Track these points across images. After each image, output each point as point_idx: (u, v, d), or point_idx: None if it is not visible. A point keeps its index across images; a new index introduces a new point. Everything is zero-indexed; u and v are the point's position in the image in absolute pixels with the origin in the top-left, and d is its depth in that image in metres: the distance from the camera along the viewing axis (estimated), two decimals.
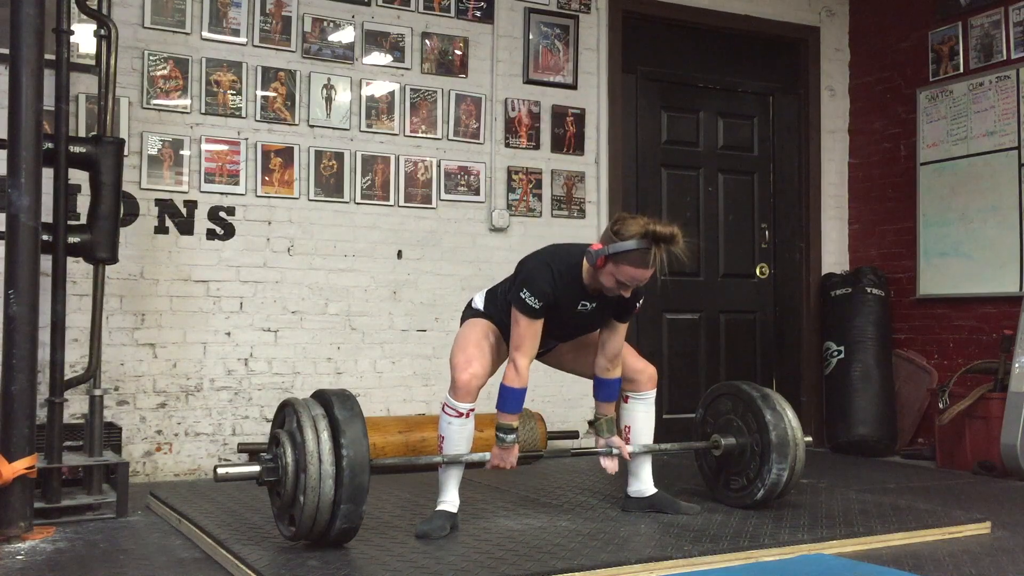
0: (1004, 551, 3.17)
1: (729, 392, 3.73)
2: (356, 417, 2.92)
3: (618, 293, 3.13)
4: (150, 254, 4.51)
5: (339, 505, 2.84)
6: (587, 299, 3.23)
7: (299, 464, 2.85)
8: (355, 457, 2.84)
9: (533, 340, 3.17)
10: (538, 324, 3.16)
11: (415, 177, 5.05)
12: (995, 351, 5.09)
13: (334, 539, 2.92)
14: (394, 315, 4.98)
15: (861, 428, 5.59)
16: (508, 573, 2.69)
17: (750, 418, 3.58)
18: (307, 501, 2.82)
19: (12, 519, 3.24)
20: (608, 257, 3.07)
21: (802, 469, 3.60)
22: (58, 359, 3.64)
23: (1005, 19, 5.30)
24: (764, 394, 3.63)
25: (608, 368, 3.38)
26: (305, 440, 2.84)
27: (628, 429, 3.54)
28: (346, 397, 2.99)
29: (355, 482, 2.84)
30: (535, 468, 4.76)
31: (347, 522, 2.87)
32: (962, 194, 5.49)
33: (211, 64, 4.64)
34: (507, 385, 3.15)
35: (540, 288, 3.13)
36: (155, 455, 4.49)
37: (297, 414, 2.92)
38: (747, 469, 3.58)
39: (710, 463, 3.77)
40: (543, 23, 5.39)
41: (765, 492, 3.52)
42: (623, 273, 3.06)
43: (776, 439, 3.49)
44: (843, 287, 5.84)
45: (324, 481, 2.82)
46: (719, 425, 3.70)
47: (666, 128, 5.81)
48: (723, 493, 3.70)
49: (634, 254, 3.03)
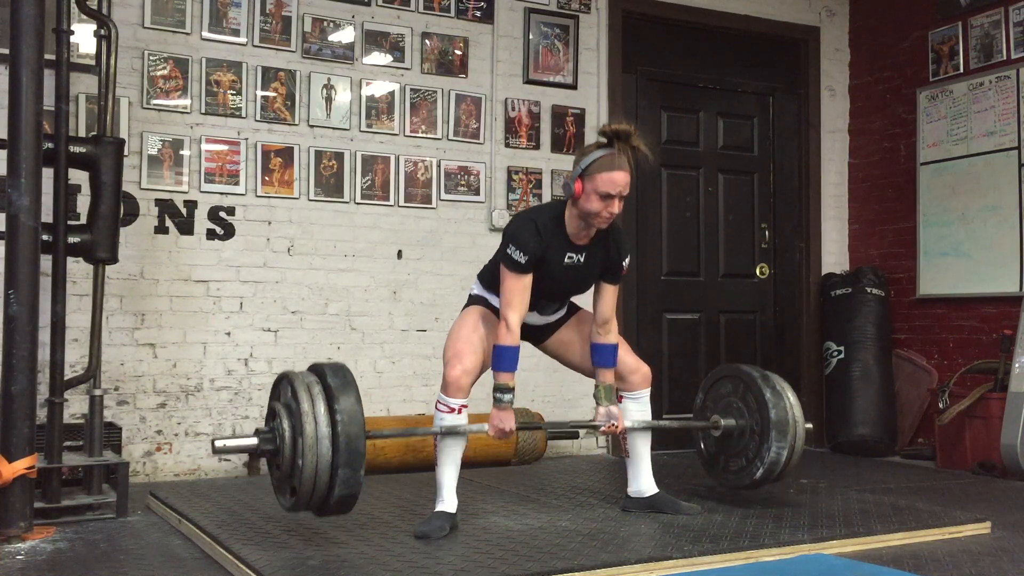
0: (1004, 551, 3.17)
1: (730, 374, 3.73)
2: (349, 385, 2.93)
3: (608, 215, 3.16)
4: (150, 254, 4.51)
5: (337, 470, 2.84)
6: (574, 251, 3.26)
7: (296, 430, 2.86)
8: (350, 422, 2.85)
9: (522, 295, 3.18)
10: (526, 280, 3.18)
11: (415, 177, 5.05)
12: (995, 351, 5.09)
13: (334, 506, 2.91)
14: (394, 315, 4.98)
15: (861, 428, 5.59)
16: (508, 573, 2.69)
17: (750, 398, 3.57)
18: (305, 465, 2.82)
19: (12, 519, 3.24)
20: (582, 177, 3.15)
21: (801, 451, 3.57)
22: (58, 359, 3.64)
23: (1005, 19, 5.30)
24: (764, 375, 3.62)
25: (601, 333, 3.39)
26: (300, 406, 2.85)
27: (626, 429, 3.53)
28: (339, 367, 3.00)
29: (351, 447, 2.84)
30: (535, 468, 4.76)
31: (346, 488, 2.87)
32: (962, 194, 5.49)
33: (211, 64, 4.64)
34: (500, 344, 3.17)
35: (524, 242, 3.16)
36: (155, 455, 4.49)
37: (292, 385, 2.93)
38: (746, 450, 3.56)
39: (709, 445, 3.75)
40: (543, 23, 5.40)
41: (764, 471, 3.50)
42: (600, 184, 3.12)
43: (775, 417, 3.47)
44: (843, 287, 5.84)
45: (321, 443, 2.82)
46: (719, 408, 3.69)
47: (666, 128, 5.81)
48: (722, 476, 3.68)
49: (601, 159, 3.13)
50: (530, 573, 2.70)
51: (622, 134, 3.14)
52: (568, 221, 3.25)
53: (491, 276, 3.37)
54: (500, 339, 3.17)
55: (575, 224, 3.24)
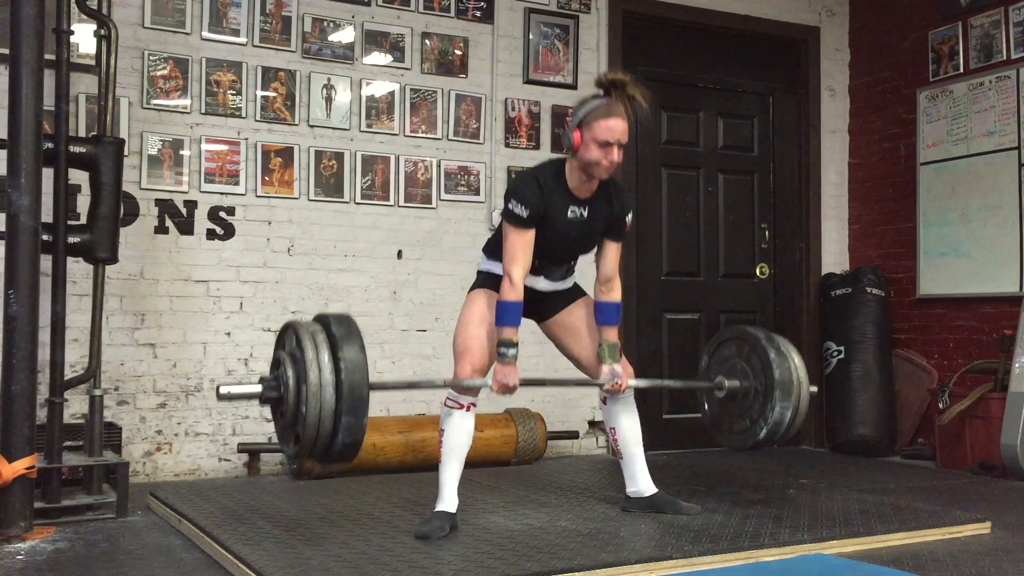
0: (1004, 551, 3.17)
1: (734, 336, 3.71)
2: (353, 334, 2.93)
3: (608, 163, 3.17)
4: (150, 254, 4.51)
5: (340, 416, 2.84)
6: (577, 204, 3.27)
7: (300, 377, 2.87)
8: (353, 370, 2.86)
9: (525, 250, 3.19)
10: (529, 235, 3.19)
11: (415, 177, 5.05)
12: (995, 351, 5.08)
13: (337, 454, 2.91)
14: (394, 315, 4.98)
15: (861, 428, 5.59)
16: (508, 573, 2.69)
17: (755, 359, 3.55)
18: (309, 412, 2.82)
19: (12, 519, 3.24)
20: (580, 127, 3.18)
21: (806, 412, 3.55)
22: (58, 359, 3.64)
23: (1005, 19, 5.30)
24: (769, 335, 3.61)
25: (604, 291, 3.41)
26: (305, 354, 2.86)
27: (614, 430, 3.53)
28: (344, 316, 3.01)
29: (354, 394, 2.84)
30: (535, 468, 4.76)
31: (349, 436, 2.87)
32: (962, 194, 5.49)
33: (211, 64, 4.64)
34: (504, 299, 3.17)
35: (525, 196, 3.18)
36: (155, 455, 4.49)
37: (297, 334, 2.93)
38: (750, 410, 3.54)
39: (713, 408, 3.73)
40: (543, 23, 5.40)
41: (768, 431, 3.47)
42: (599, 132, 3.14)
43: (780, 377, 3.46)
44: (843, 287, 5.84)
45: (324, 390, 2.82)
46: (724, 370, 3.67)
47: (666, 128, 5.82)
48: (726, 438, 3.66)
49: (599, 108, 3.16)
50: (530, 573, 2.70)
51: (618, 83, 3.19)
52: (569, 175, 3.26)
53: (495, 244, 3.36)
54: (503, 294, 3.17)
55: (576, 177, 3.25)
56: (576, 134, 3.18)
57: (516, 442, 4.86)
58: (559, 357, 5.31)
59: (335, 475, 4.43)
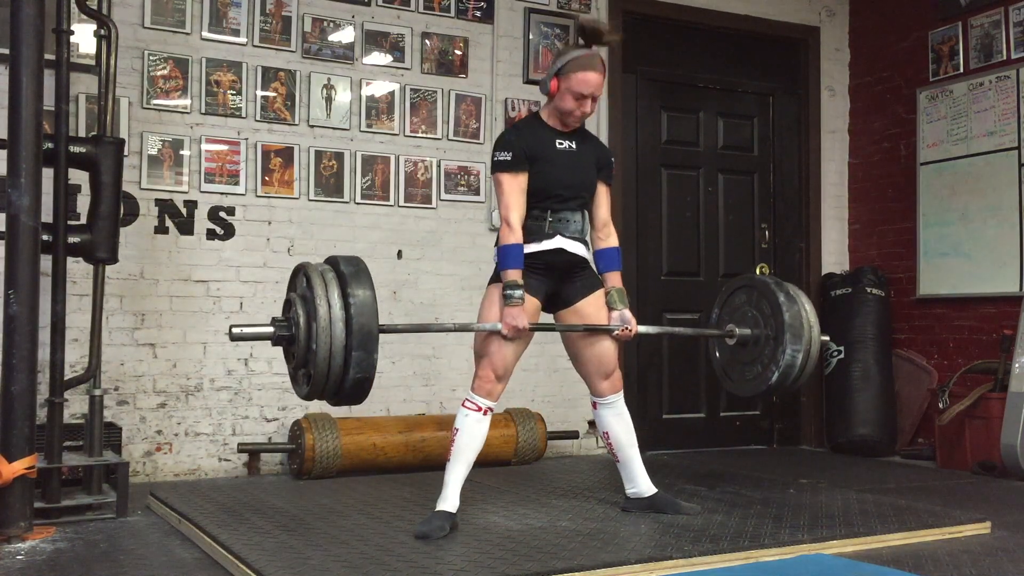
0: (1004, 551, 3.17)
1: (745, 284, 3.74)
2: (362, 272, 2.98)
3: (580, 114, 3.30)
4: (150, 254, 4.51)
5: (351, 352, 2.87)
6: (562, 137, 3.37)
7: (310, 315, 2.90)
8: (362, 305, 2.90)
9: (519, 196, 3.26)
10: (519, 178, 3.27)
11: (415, 177, 5.05)
12: (995, 351, 5.09)
13: (349, 390, 2.94)
14: (394, 315, 4.98)
15: (861, 428, 5.59)
16: (508, 573, 2.69)
17: (764, 305, 3.56)
18: (319, 348, 2.85)
19: (12, 519, 3.24)
20: (557, 75, 3.29)
21: (817, 357, 3.55)
22: (58, 359, 3.64)
23: (1005, 19, 5.30)
24: (778, 281, 3.64)
25: (602, 237, 3.49)
26: (314, 290, 2.89)
27: (607, 435, 3.53)
28: (354, 258, 3.06)
29: (364, 329, 2.88)
30: (535, 468, 4.76)
31: (360, 371, 2.90)
32: (962, 194, 5.49)
33: (211, 64, 4.64)
34: (504, 243, 3.22)
35: (506, 141, 3.30)
36: (155, 455, 4.49)
37: (308, 275, 2.96)
38: (761, 356, 3.54)
39: (725, 356, 3.73)
40: (543, 23, 5.40)
41: (780, 375, 3.48)
42: (575, 83, 3.25)
43: (789, 320, 3.46)
44: (843, 287, 5.84)
45: (335, 324, 2.86)
46: (735, 318, 3.68)
47: (666, 128, 5.81)
48: (739, 385, 3.66)
49: (578, 59, 3.28)
50: (530, 573, 2.70)
51: (594, 33, 3.32)
52: (547, 118, 3.39)
53: None
54: (503, 238, 3.23)
55: (554, 120, 3.38)
56: (554, 82, 3.30)
57: (516, 442, 4.86)
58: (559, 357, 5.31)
59: (335, 475, 4.44)
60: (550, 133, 3.37)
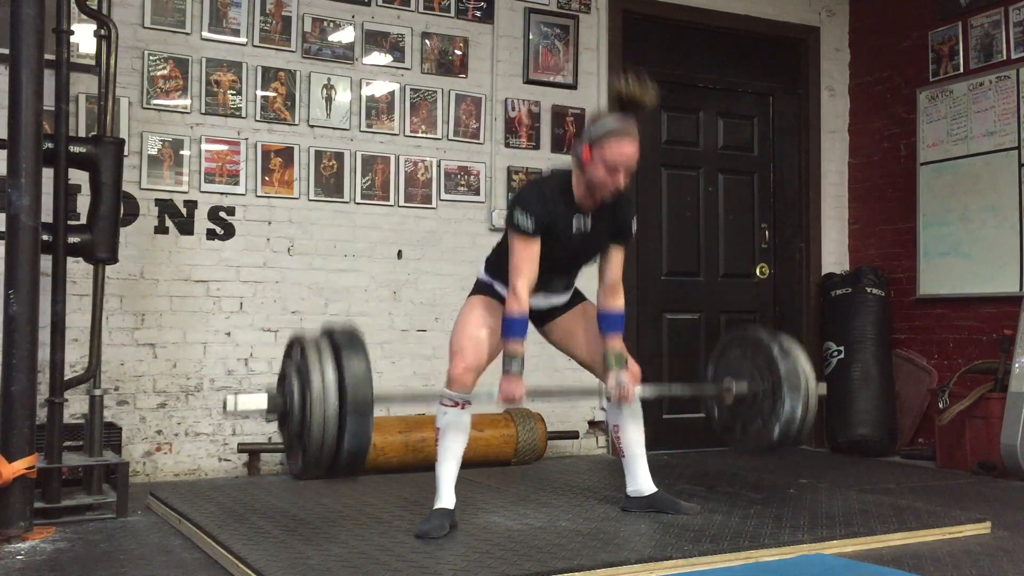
0: (1004, 551, 3.17)
1: (737, 339, 3.70)
2: (357, 341, 2.94)
3: (613, 188, 3.14)
4: (150, 254, 4.51)
5: (345, 423, 2.82)
6: (581, 216, 3.24)
7: (304, 386, 2.86)
8: (356, 374, 2.86)
9: (531, 263, 3.16)
10: (534, 245, 3.16)
11: (415, 177, 5.05)
12: (995, 351, 5.08)
13: (344, 462, 2.88)
14: (394, 315, 4.98)
15: (861, 428, 5.58)
16: (508, 573, 2.69)
17: (759, 359, 3.53)
18: (313, 417, 2.81)
19: (12, 519, 3.24)
20: (591, 145, 3.12)
21: (816, 409, 3.51)
22: (58, 359, 3.64)
23: (1005, 19, 5.30)
24: (772, 333, 3.61)
25: (608, 298, 3.37)
26: (307, 359, 2.87)
27: (617, 428, 3.52)
28: (348, 327, 3.03)
29: (359, 398, 2.83)
30: (535, 468, 4.76)
31: (355, 440, 2.84)
32: (962, 194, 5.49)
33: (211, 64, 4.64)
34: (509, 316, 3.15)
35: (530, 205, 3.15)
36: (155, 455, 4.49)
37: (303, 346, 2.94)
38: (761, 410, 3.51)
39: (724, 412, 3.69)
40: (543, 23, 5.40)
41: (782, 429, 3.43)
42: (609, 155, 3.09)
43: (785, 372, 3.43)
44: (843, 287, 5.84)
45: (328, 392, 2.82)
46: (730, 374, 3.65)
47: (666, 128, 5.82)
48: (741, 443, 3.62)
49: (614, 131, 3.11)
50: (530, 573, 2.70)
51: (635, 103, 3.13)
52: (575, 187, 3.23)
53: (496, 261, 3.35)
54: (508, 308, 3.15)
55: (581, 191, 3.22)
56: (586, 150, 3.13)
57: (516, 442, 4.86)
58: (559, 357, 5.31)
59: None
60: (571, 209, 3.22)
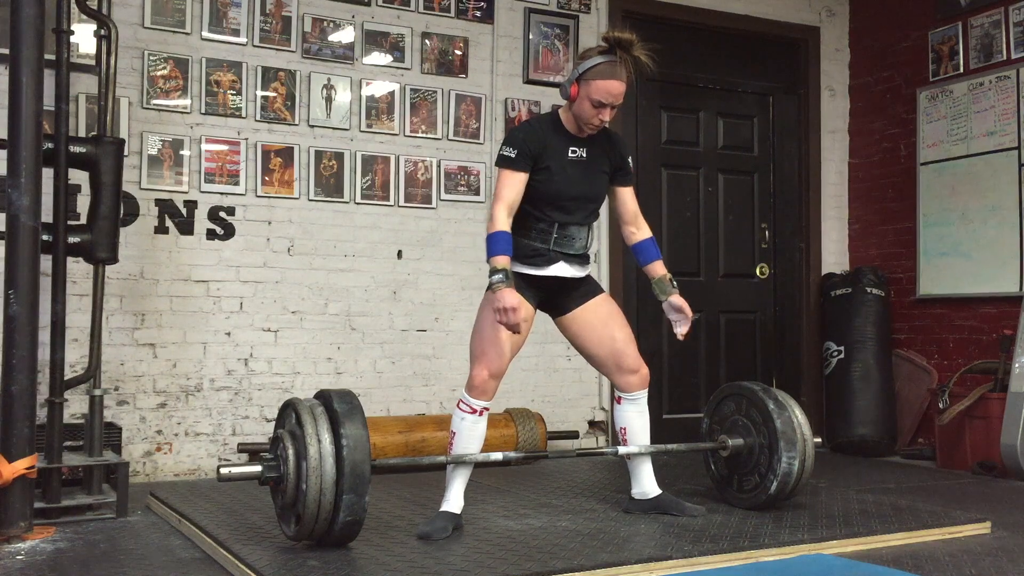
0: (1004, 551, 3.18)
1: (732, 393, 3.71)
2: (355, 410, 2.93)
3: (598, 122, 3.23)
4: (150, 254, 4.51)
5: (341, 495, 2.83)
6: (575, 144, 3.31)
7: (300, 454, 2.85)
8: (354, 446, 2.85)
9: (511, 189, 3.20)
10: (517, 176, 3.20)
11: (415, 177, 5.05)
12: (995, 351, 5.09)
13: (338, 534, 2.90)
14: (394, 315, 4.98)
15: (861, 428, 5.59)
16: (508, 573, 2.69)
17: (755, 413, 3.55)
18: (309, 489, 2.81)
19: (12, 519, 3.24)
20: (579, 80, 3.21)
21: (812, 466, 3.55)
22: (58, 359, 3.64)
23: (1005, 19, 5.30)
24: (765, 388, 3.62)
25: (636, 231, 3.49)
26: (304, 429, 2.85)
27: (624, 431, 3.51)
28: (345, 393, 3.01)
29: (356, 471, 2.83)
30: (535, 468, 4.76)
31: (351, 514, 2.86)
32: (962, 194, 5.49)
33: (211, 64, 4.64)
34: (490, 232, 3.17)
35: (515, 138, 3.23)
36: (155, 455, 4.49)
37: (297, 412, 2.93)
38: (758, 466, 3.53)
39: (720, 467, 3.72)
40: (543, 23, 5.40)
41: (779, 484, 3.46)
42: (595, 90, 3.18)
43: (781, 427, 3.45)
44: (843, 287, 5.84)
45: (325, 463, 2.81)
46: (726, 428, 3.67)
47: (666, 128, 5.81)
48: (737, 496, 3.64)
49: (600, 66, 3.19)
50: (530, 573, 2.70)
51: (624, 42, 3.22)
52: (566, 121, 3.32)
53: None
54: (489, 227, 3.18)
55: (571, 123, 3.32)
56: (574, 87, 3.23)
57: (516, 442, 4.86)
58: (559, 357, 5.31)
59: None
60: (564, 138, 3.29)
